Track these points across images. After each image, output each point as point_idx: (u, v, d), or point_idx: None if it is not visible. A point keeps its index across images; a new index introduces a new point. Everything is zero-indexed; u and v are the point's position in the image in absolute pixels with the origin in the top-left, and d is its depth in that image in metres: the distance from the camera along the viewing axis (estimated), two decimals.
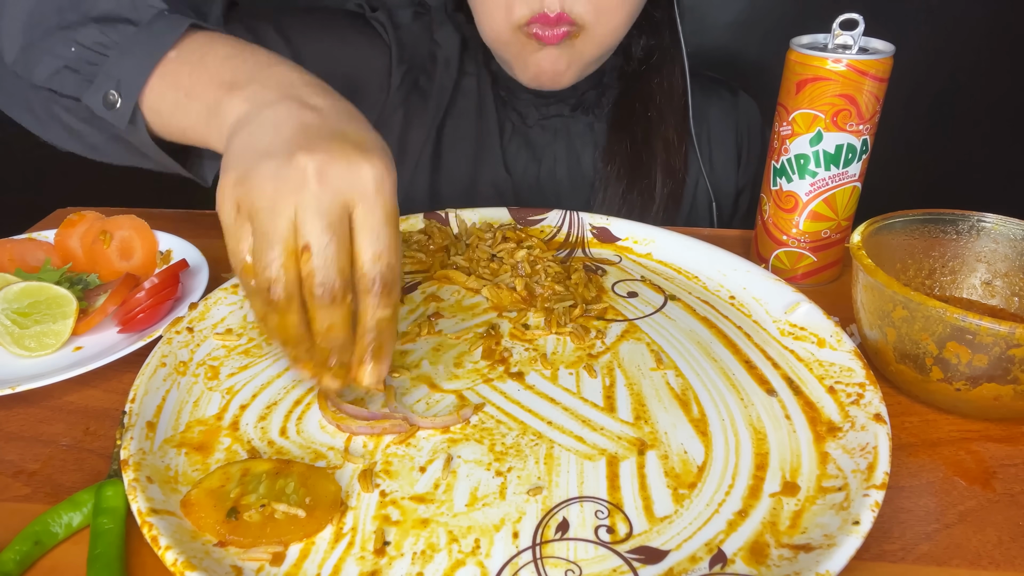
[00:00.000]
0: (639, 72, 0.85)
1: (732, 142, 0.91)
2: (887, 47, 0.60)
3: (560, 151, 0.86)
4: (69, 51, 0.55)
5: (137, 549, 0.39)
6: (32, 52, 0.57)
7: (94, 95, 0.54)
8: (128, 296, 0.57)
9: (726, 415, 0.49)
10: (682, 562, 0.38)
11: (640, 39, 0.84)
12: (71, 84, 0.55)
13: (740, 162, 0.92)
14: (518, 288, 0.61)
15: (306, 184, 0.40)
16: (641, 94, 0.84)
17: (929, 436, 0.49)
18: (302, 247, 0.40)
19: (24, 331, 0.54)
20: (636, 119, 0.84)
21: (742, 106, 0.92)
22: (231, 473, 0.42)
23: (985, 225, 0.57)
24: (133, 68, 0.53)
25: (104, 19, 0.55)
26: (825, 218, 0.64)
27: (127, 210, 0.71)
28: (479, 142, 0.84)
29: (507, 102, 0.84)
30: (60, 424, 0.49)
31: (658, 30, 0.84)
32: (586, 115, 0.85)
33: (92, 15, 0.56)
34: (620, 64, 0.85)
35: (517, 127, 0.85)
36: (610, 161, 0.84)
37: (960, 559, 0.40)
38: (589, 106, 0.85)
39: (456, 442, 0.46)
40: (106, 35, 0.55)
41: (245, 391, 0.51)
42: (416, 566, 0.38)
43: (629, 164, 0.83)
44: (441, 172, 0.85)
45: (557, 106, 0.84)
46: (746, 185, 0.94)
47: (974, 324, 0.45)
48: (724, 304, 0.62)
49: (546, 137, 0.86)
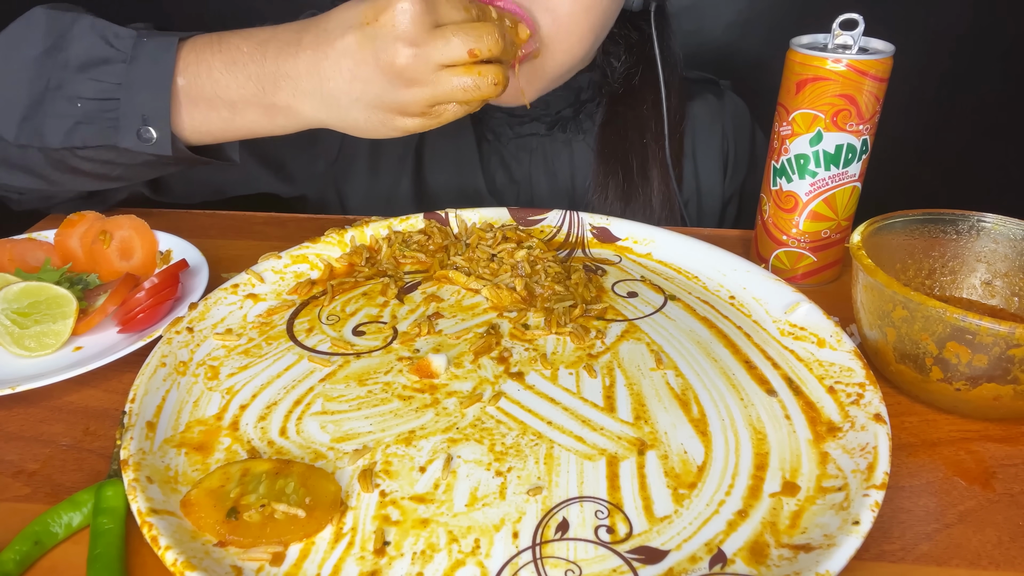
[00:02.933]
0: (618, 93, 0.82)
1: (718, 152, 0.88)
2: (887, 47, 0.60)
3: (536, 170, 0.84)
4: (75, 108, 0.57)
5: (137, 549, 0.39)
6: (34, 121, 0.58)
7: (125, 136, 0.57)
8: (128, 296, 0.57)
9: (726, 415, 0.49)
10: (682, 562, 0.38)
11: (619, 58, 0.81)
12: (94, 135, 0.58)
13: (727, 166, 0.90)
14: (518, 288, 0.61)
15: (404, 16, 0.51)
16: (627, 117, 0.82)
17: (929, 436, 0.49)
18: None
19: (24, 331, 0.54)
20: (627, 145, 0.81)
21: (729, 108, 0.90)
22: (231, 473, 0.42)
23: (985, 225, 0.57)
24: (150, 98, 0.56)
25: (87, 66, 0.57)
26: (825, 218, 0.64)
27: (127, 210, 0.71)
28: (458, 161, 0.83)
29: (481, 120, 0.83)
30: (60, 424, 0.49)
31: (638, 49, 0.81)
32: (563, 132, 0.83)
33: (74, 65, 0.57)
34: (598, 80, 0.82)
35: (493, 145, 0.84)
36: (601, 192, 0.81)
37: (960, 559, 0.40)
38: (566, 124, 0.83)
39: (456, 442, 0.46)
40: (102, 80, 0.57)
41: (245, 391, 0.51)
42: (416, 566, 0.38)
43: (623, 195, 0.81)
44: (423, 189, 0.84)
45: (532, 125, 0.82)
46: (734, 194, 0.91)
47: (974, 324, 0.45)
48: (724, 304, 0.62)
49: (522, 156, 0.84)
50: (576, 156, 0.84)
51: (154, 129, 0.57)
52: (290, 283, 0.64)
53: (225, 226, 0.78)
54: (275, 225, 0.78)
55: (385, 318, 0.59)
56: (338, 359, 0.54)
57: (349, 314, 0.60)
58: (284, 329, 0.58)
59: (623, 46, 0.81)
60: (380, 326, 0.58)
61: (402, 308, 0.61)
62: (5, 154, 0.61)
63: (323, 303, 0.61)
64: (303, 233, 0.72)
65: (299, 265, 0.65)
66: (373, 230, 0.70)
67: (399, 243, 0.68)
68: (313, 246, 0.66)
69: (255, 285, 0.61)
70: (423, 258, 0.67)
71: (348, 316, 0.60)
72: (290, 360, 0.54)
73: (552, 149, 0.84)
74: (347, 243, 0.68)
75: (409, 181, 0.84)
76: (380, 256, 0.67)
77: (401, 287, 0.63)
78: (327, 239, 0.67)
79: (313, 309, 0.60)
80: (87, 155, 0.60)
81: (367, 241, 0.69)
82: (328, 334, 0.57)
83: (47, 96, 0.57)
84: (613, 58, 0.81)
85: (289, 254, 0.65)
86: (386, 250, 0.68)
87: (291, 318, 0.59)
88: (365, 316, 0.60)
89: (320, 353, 0.55)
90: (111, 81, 0.56)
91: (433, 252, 0.67)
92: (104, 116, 0.57)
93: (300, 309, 0.60)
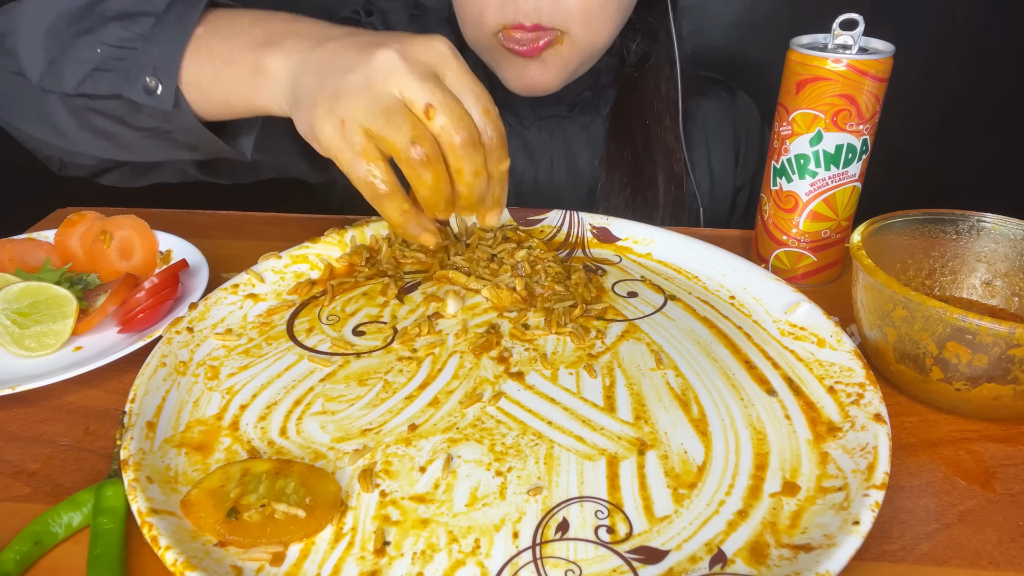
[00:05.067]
0: (633, 76, 0.84)
1: (731, 143, 0.91)
2: (887, 47, 0.60)
3: (557, 152, 0.86)
4: (95, 53, 0.57)
5: (137, 549, 0.39)
6: (58, 64, 0.58)
7: (132, 86, 0.56)
8: (128, 296, 0.57)
9: (726, 415, 0.49)
10: (682, 562, 0.38)
11: (635, 41, 0.83)
12: (106, 83, 0.57)
13: (738, 162, 0.92)
14: (518, 288, 0.61)
15: (397, 66, 0.44)
16: (638, 101, 0.84)
17: (929, 436, 0.49)
18: (424, 108, 0.44)
19: (24, 331, 0.55)
20: (635, 127, 0.84)
21: (740, 106, 0.92)
22: (231, 473, 0.42)
23: (985, 225, 0.57)
24: (165, 52, 0.55)
25: (122, 16, 0.57)
26: (825, 218, 0.64)
27: (127, 210, 0.71)
28: None
29: (503, 103, 0.84)
30: (60, 424, 0.49)
31: (653, 33, 0.83)
32: (583, 115, 0.86)
33: (108, 15, 0.58)
34: (616, 65, 0.85)
35: (514, 128, 0.85)
36: (611, 170, 0.84)
37: (960, 559, 0.40)
38: (586, 107, 0.85)
39: (456, 442, 0.46)
40: (128, 29, 0.57)
41: (245, 391, 0.51)
42: (416, 566, 0.38)
43: (631, 173, 0.83)
44: None
45: (554, 107, 0.84)
46: (744, 183, 0.94)
47: (974, 324, 0.45)
48: (724, 304, 0.62)
49: (543, 138, 0.86)
50: (594, 138, 0.86)
51: (160, 81, 0.55)
52: (290, 283, 0.64)
53: (225, 226, 0.78)
54: (275, 225, 0.78)
55: (385, 318, 0.59)
56: (338, 359, 0.54)
57: (349, 314, 0.60)
58: (284, 329, 0.58)
59: (640, 31, 0.83)
60: (380, 326, 0.58)
61: (402, 308, 0.61)
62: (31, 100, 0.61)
63: (323, 303, 0.61)
64: (303, 233, 0.72)
65: (299, 265, 0.65)
66: (373, 230, 0.70)
67: (399, 243, 0.68)
68: (313, 246, 0.67)
69: (255, 285, 0.61)
70: (423, 258, 0.67)
71: (348, 316, 0.60)
72: (290, 360, 0.54)
73: (572, 132, 0.86)
74: (347, 243, 0.68)
75: None
76: (380, 256, 0.67)
77: (401, 287, 0.63)
78: (327, 239, 0.67)
79: (313, 309, 0.60)
80: (98, 107, 0.59)
81: (367, 241, 0.69)
82: (328, 334, 0.57)
83: (78, 40, 0.58)
84: (630, 42, 0.83)
85: (289, 254, 0.65)
86: (386, 250, 0.68)
87: (291, 318, 0.59)
88: (365, 316, 0.60)
89: (320, 353, 0.55)
90: (135, 31, 0.57)
91: (433, 252, 0.67)
92: (117, 64, 0.57)
93: (300, 309, 0.60)
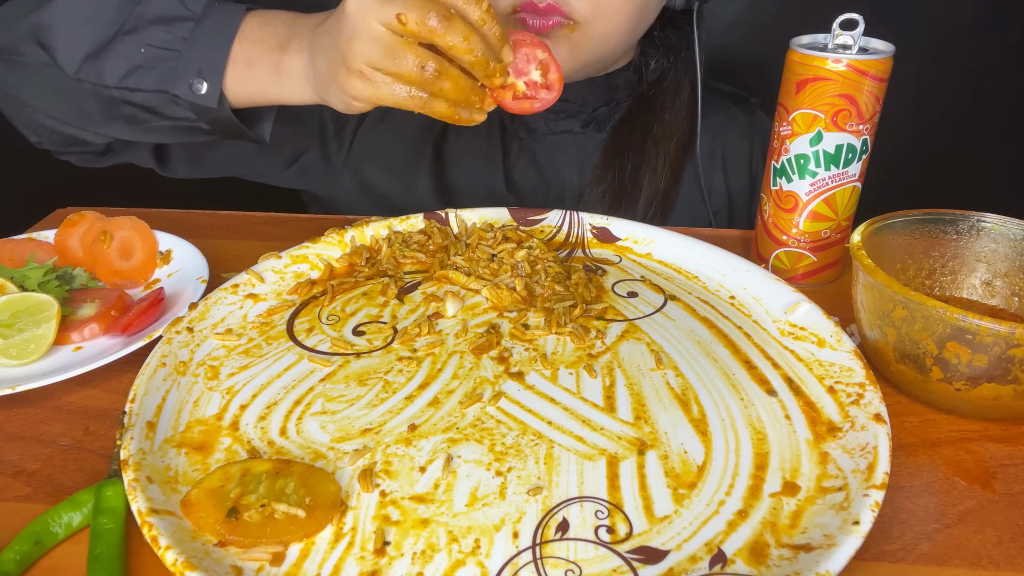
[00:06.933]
0: (649, 95, 0.82)
1: (747, 164, 0.89)
2: (887, 47, 0.60)
3: (568, 170, 0.84)
4: (139, 52, 0.62)
5: (137, 549, 0.39)
6: (98, 59, 0.62)
7: (179, 84, 0.62)
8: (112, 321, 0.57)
9: (726, 415, 0.49)
10: (682, 562, 0.38)
11: (655, 58, 0.81)
12: (151, 80, 0.62)
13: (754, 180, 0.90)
14: (518, 288, 0.61)
15: (361, 3, 0.50)
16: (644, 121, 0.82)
17: (929, 436, 0.49)
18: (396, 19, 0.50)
19: (7, 341, 0.54)
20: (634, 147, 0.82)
21: (758, 126, 0.90)
22: (231, 473, 0.42)
23: (985, 225, 0.57)
24: (209, 56, 0.61)
25: (162, 20, 0.62)
26: (825, 218, 0.64)
27: (127, 210, 0.71)
28: (483, 159, 0.83)
29: (516, 116, 0.82)
30: (60, 424, 0.49)
31: (675, 51, 0.81)
32: (598, 132, 0.83)
33: (148, 16, 0.62)
34: (634, 81, 0.83)
35: (525, 143, 0.83)
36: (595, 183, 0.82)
37: (960, 559, 0.40)
38: (601, 123, 0.83)
39: (456, 442, 0.46)
40: (170, 32, 0.62)
41: (245, 391, 0.51)
42: (416, 566, 0.38)
43: (613, 194, 0.81)
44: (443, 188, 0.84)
45: (568, 121, 0.82)
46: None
47: (974, 324, 0.45)
48: (724, 304, 0.62)
49: (555, 155, 0.84)
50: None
51: (206, 81, 0.61)
52: (290, 283, 0.64)
53: (225, 226, 0.78)
54: (275, 225, 0.78)
55: (385, 318, 0.59)
56: (338, 359, 0.54)
57: (349, 314, 0.60)
58: (284, 329, 0.58)
59: (661, 48, 0.81)
60: (380, 326, 0.58)
61: (402, 308, 0.61)
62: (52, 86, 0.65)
63: (323, 303, 0.61)
64: (303, 233, 0.72)
65: (299, 265, 0.65)
66: (373, 230, 0.70)
67: (399, 243, 0.68)
68: (313, 246, 0.67)
69: (255, 285, 0.61)
70: (423, 258, 0.67)
71: (348, 316, 0.60)
72: (290, 360, 0.54)
73: (585, 148, 0.84)
74: (347, 243, 0.68)
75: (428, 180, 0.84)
76: (380, 256, 0.67)
77: (401, 287, 0.63)
78: (327, 239, 0.67)
79: (313, 309, 0.60)
80: (137, 99, 0.63)
81: (367, 241, 0.69)
82: (328, 334, 0.57)
83: (117, 38, 0.62)
84: (650, 59, 0.82)
85: (289, 254, 0.65)
86: (386, 250, 0.68)
87: (291, 318, 0.59)
88: (365, 316, 0.60)
89: (320, 353, 0.55)
90: (178, 35, 0.62)
91: (433, 252, 0.67)
92: (163, 64, 0.62)
93: (300, 309, 0.60)
